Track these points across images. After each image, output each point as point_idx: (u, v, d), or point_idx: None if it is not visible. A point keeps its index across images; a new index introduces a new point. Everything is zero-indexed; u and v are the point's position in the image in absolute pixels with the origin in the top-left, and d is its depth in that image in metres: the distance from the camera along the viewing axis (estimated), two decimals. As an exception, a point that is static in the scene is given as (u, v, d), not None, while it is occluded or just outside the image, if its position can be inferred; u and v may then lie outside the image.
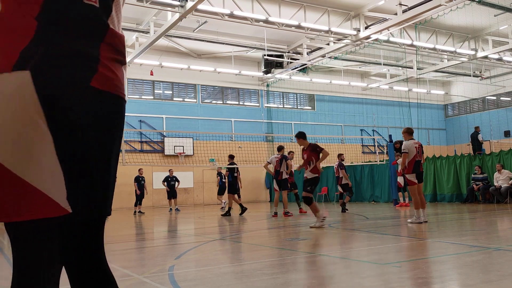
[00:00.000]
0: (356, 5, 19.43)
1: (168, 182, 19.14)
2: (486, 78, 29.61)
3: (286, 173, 12.89)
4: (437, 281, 4.02)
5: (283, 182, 12.88)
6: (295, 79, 26.90)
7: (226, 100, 26.81)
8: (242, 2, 17.35)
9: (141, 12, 19.26)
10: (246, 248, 7.05)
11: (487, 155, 16.53)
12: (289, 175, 13.38)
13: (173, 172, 19.51)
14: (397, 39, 20.74)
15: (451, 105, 34.19)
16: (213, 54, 25.26)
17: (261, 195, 26.37)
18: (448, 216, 11.46)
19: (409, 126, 9.86)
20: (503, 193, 14.75)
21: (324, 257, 5.54)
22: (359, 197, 20.69)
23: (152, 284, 4.33)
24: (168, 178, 19.20)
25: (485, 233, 7.62)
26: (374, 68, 28.22)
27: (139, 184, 18.05)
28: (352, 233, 8.52)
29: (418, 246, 6.53)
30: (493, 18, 20.15)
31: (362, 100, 30.55)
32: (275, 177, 13.05)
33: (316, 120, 28.79)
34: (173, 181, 19.26)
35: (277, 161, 12.93)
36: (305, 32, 19.63)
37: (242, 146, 20.99)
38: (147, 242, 8.81)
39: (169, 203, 19.49)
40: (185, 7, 16.28)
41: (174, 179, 19.28)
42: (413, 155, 9.26)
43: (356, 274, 4.51)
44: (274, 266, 5.14)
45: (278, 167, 12.85)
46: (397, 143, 15.28)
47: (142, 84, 24.57)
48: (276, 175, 12.96)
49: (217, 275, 4.71)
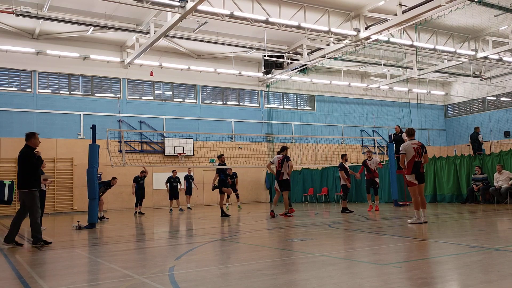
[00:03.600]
0: (356, 6, 19.44)
1: (171, 183, 19.13)
2: (486, 79, 29.61)
3: (288, 173, 12.87)
4: (437, 281, 4.02)
5: (284, 183, 12.85)
6: (295, 79, 26.91)
7: (226, 100, 26.81)
8: (242, 3, 17.35)
9: (141, 12, 19.27)
10: (246, 249, 7.05)
11: (487, 156, 16.52)
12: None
13: (176, 173, 19.48)
14: (397, 40, 20.75)
15: (451, 106, 34.20)
16: (213, 54, 25.27)
17: (261, 196, 26.37)
18: (448, 216, 11.46)
19: (409, 127, 9.80)
20: (503, 193, 14.74)
21: (324, 257, 5.55)
22: (359, 197, 20.68)
23: (152, 284, 4.33)
24: (170, 179, 19.20)
25: (485, 234, 7.62)
26: (374, 68, 28.23)
27: (137, 185, 18.04)
28: (352, 234, 8.52)
29: (418, 247, 6.53)
30: (493, 18, 20.15)
31: (362, 100, 30.56)
32: (276, 177, 13.03)
33: (316, 120, 28.80)
34: (176, 182, 19.27)
35: (278, 161, 12.91)
36: (305, 33, 19.64)
37: (242, 146, 20.98)
38: (148, 242, 8.81)
39: (170, 203, 19.51)
40: (185, 7, 16.29)
41: (177, 180, 19.29)
42: (411, 156, 9.23)
43: (356, 274, 4.51)
44: (274, 266, 5.14)
45: (279, 167, 12.84)
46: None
47: (142, 84, 24.57)
48: (277, 176, 12.94)
49: (217, 276, 4.72)
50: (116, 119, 23.15)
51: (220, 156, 14.43)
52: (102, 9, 18.83)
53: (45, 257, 6.78)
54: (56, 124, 21.77)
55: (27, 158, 7.98)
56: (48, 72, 22.16)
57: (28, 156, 8.00)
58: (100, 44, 22.88)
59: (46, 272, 5.46)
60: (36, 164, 8.06)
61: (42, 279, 4.85)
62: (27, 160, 7.98)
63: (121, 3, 16.12)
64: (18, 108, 21.15)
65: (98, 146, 12.24)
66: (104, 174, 19.43)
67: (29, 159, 7.98)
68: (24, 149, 8.10)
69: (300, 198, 23.84)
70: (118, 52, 23.51)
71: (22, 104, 21.28)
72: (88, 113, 22.56)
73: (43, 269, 5.70)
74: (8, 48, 20.53)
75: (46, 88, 22.24)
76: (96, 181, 11.95)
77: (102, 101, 23.24)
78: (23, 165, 7.98)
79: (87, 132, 18.09)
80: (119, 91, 23.86)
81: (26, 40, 21.30)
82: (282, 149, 13.22)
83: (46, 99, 21.95)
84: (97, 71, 23.16)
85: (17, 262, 6.14)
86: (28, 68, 21.66)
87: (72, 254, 7.17)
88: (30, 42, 21.33)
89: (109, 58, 22.75)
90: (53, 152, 21.04)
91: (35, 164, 8.03)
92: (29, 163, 7.97)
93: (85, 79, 23.18)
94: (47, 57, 21.66)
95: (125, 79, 23.89)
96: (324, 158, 22.91)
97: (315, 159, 24.08)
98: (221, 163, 14.25)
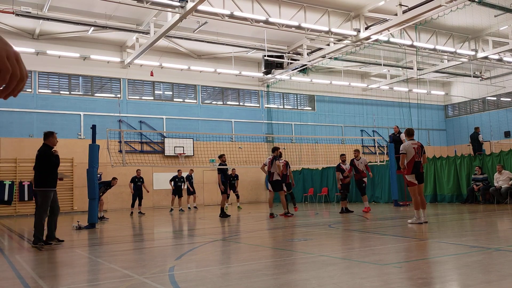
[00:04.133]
0: (356, 6, 19.43)
1: (176, 183, 19.13)
2: (486, 79, 29.61)
3: (278, 174, 12.79)
4: (437, 281, 4.02)
5: (274, 183, 12.79)
6: (295, 79, 26.91)
7: (226, 100, 26.82)
8: (242, 3, 17.35)
9: (141, 13, 19.27)
10: (246, 249, 7.05)
11: (487, 156, 16.51)
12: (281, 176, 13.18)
13: (181, 172, 19.46)
14: (397, 40, 20.75)
15: (451, 106, 34.19)
16: (213, 54, 25.28)
17: (261, 196, 26.37)
18: (448, 216, 11.46)
19: (409, 127, 9.80)
20: (503, 193, 14.74)
21: (325, 257, 5.54)
22: (360, 197, 20.64)
23: (152, 284, 4.33)
24: (176, 178, 19.20)
25: (485, 234, 7.62)
26: (374, 68, 28.23)
27: (135, 185, 18.02)
28: (352, 234, 8.52)
29: (418, 247, 6.53)
30: (493, 18, 20.15)
31: (362, 100, 30.55)
32: (268, 178, 13.05)
33: (316, 120, 28.80)
34: (181, 182, 19.26)
35: (269, 162, 12.91)
36: (305, 33, 19.64)
37: (242, 146, 20.98)
38: (148, 242, 8.81)
39: (172, 201, 19.31)
40: (185, 8, 16.29)
41: (182, 180, 19.28)
42: (411, 156, 9.23)
43: (356, 274, 4.51)
44: (274, 266, 5.14)
45: (269, 168, 12.85)
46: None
47: (142, 84, 24.58)
48: (268, 176, 12.97)
49: (217, 276, 4.72)
50: (116, 119, 23.15)
51: (220, 156, 14.43)
52: (102, 9, 18.83)
53: (45, 257, 6.78)
54: (56, 124, 21.76)
55: (46, 157, 8.02)
56: (48, 72, 22.17)
57: (46, 154, 8.04)
58: (100, 44, 22.88)
59: (46, 272, 5.46)
60: (54, 163, 8.09)
61: (42, 279, 4.85)
62: (45, 158, 8.02)
63: (121, 3, 16.12)
64: (18, 108, 21.15)
65: (98, 146, 12.24)
66: (104, 174, 19.45)
67: (47, 157, 8.02)
68: (42, 147, 8.13)
69: (300, 198, 23.83)
70: (118, 52, 23.51)
71: (22, 104, 21.28)
72: (88, 113, 22.57)
73: (43, 269, 5.70)
74: (8, 48, 20.51)
75: (46, 88, 22.25)
76: (96, 181, 11.95)
77: (102, 101, 23.25)
78: (41, 164, 8.02)
79: (87, 132, 18.10)
80: (119, 91, 23.86)
81: (26, 40, 21.30)
82: (272, 150, 13.20)
83: (46, 99, 21.95)
84: (97, 71, 23.16)
85: (17, 262, 6.14)
86: (28, 68, 21.40)
87: (72, 254, 7.17)
88: (30, 42, 21.33)
89: (109, 58, 22.75)
90: (53, 152, 21.01)
91: (53, 163, 8.07)
92: (47, 162, 8.01)
93: (85, 79, 23.19)
94: (47, 57, 21.66)
95: (125, 79, 23.89)
96: (324, 158, 22.90)
97: (315, 159, 24.08)
98: (221, 163, 14.25)
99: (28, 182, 19.66)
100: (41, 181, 7.94)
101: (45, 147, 8.12)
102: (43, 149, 8.08)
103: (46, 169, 7.99)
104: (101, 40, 22.60)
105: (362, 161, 13.93)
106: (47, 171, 7.99)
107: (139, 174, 18.21)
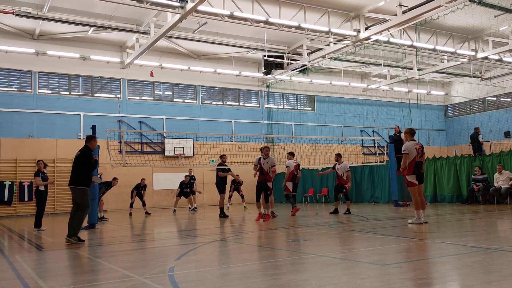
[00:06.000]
0: (356, 6, 19.44)
1: (182, 189, 18.71)
2: (486, 79, 29.61)
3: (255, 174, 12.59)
4: (437, 281, 4.02)
5: (257, 184, 12.65)
6: (295, 80, 26.91)
7: (226, 101, 26.81)
8: (242, 3, 17.35)
9: (141, 13, 19.28)
10: (246, 249, 7.05)
11: (487, 156, 16.51)
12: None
13: (188, 179, 18.91)
14: (397, 40, 20.75)
15: (451, 106, 34.20)
16: (213, 55, 25.28)
17: (261, 196, 26.30)
18: (448, 217, 11.45)
19: (409, 127, 9.77)
20: (503, 193, 14.74)
21: (325, 258, 5.54)
22: (359, 198, 20.68)
23: (153, 285, 4.33)
24: (182, 185, 18.78)
25: (486, 234, 7.61)
26: (374, 69, 28.24)
27: (138, 193, 17.96)
28: (352, 234, 8.52)
29: (418, 247, 6.52)
30: (493, 19, 20.15)
31: (362, 101, 30.56)
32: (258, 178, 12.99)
33: (316, 121, 28.80)
34: (187, 187, 18.78)
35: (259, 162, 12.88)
36: (305, 33, 19.64)
37: (242, 147, 20.97)
38: (148, 243, 8.81)
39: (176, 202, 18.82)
40: (185, 8, 16.29)
41: (188, 186, 18.78)
42: (413, 156, 9.22)
43: (356, 275, 4.51)
44: (274, 267, 5.14)
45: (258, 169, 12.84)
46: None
47: (142, 85, 24.58)
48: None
49: (217, 276, 4.71)
50: (116, 120, 23.15)
51: (221, 156, 14.42)
52: (102, 10, 18.84)
53: (45, 257, 6.78)
54: (56, 125, 21.77)
55: (87, 158, 8.42)
56: (48, 72, 22.17)
57: (88, 156, 8.45)
58: (100, 44, 22.89)
59: (46, 272, 5.46)
60: (93, 165, 8.51)
61: (42, 279, 4.84)
62: (86, 159, 8.41)
63: (121, 3, 16.12)
64: (18, 108, 21.15)
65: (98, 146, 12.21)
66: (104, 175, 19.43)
67: (88, 159, 8.42)
68: (84, 149, 8.57)
69: (300, 198, 23.81)
70: (118, 52, 23.51)
71: (22, 104, 21.29)
72: (88, 114, 22.56)
73: (43, 269, 5.70)
74: (8, 48, 20.54)
75: (46, 88, 22.25)
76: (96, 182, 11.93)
77: (102, 102, 23.24)
78: (81, 164, 8.39)
79: (87, 132, 18.02)
80: (119, 91, 23.86)
81: (26, 40, 21.31)
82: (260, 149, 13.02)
83: (46, 99, 21.95)
84: (97, 71, 23.17)
85: (17, 262, 6.14)
86: (28, 69, 21.66)
87: (72, 254, 7.17)
88: (30, 42, 21.34)
89: (109, 59, 22.75)
90: (53, 152, 21.00)
91: (93, 164, 8.49)
92: (87, 163, 8.40)
93: (85, 79, 23.19)
94: (47, 58, 21.67)
95: (125, 80, 23.89)
96: (324, 159, 22.90)
97: (315, 159, 24.07)
98: (221, 163, 14.23)
99: (28, 183, 19.66)
100: (78, 180, 8.35)
101: (86, 149, 8.56)
102: (85, 151, 8.52)
103: (84, 169, 8.39)
104: (101, 40, 22.60)
105: (343, 166, 13.54)
106: (84, 171, 8.39)
107: (143, 183, 18.13)
